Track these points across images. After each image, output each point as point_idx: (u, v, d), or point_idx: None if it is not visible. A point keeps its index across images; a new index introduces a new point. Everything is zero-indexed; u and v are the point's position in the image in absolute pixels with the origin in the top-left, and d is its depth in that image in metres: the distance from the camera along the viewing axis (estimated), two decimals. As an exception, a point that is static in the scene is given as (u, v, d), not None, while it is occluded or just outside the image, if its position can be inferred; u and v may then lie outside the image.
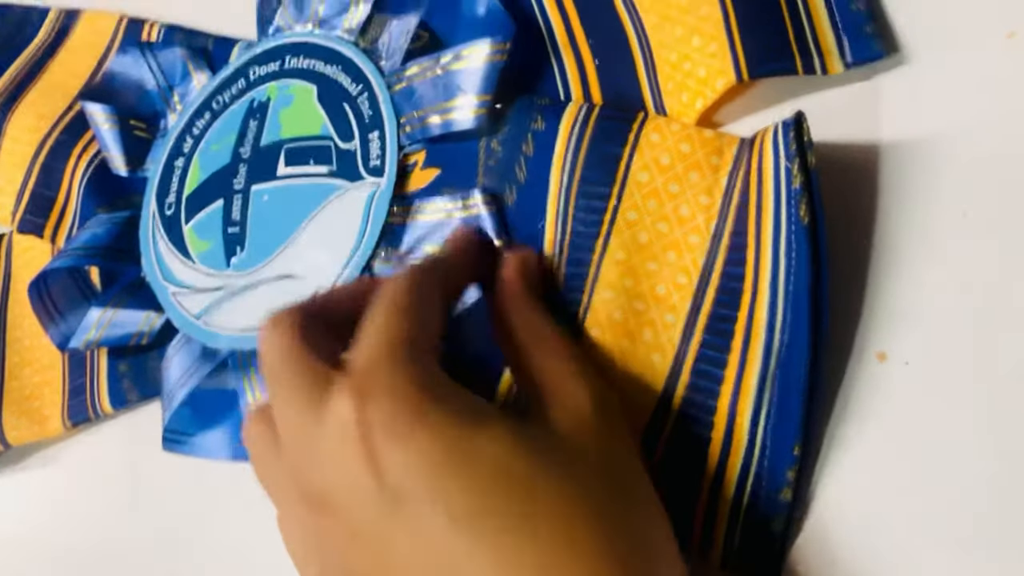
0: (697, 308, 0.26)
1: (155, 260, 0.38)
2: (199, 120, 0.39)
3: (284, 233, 0.35)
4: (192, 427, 0.35)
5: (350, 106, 0.35)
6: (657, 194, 0.28)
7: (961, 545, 0.22)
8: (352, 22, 0.36)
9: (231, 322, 0.35)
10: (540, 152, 0.29)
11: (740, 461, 0.24)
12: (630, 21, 0.30)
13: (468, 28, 0.32)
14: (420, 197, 0.32)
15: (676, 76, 0.28)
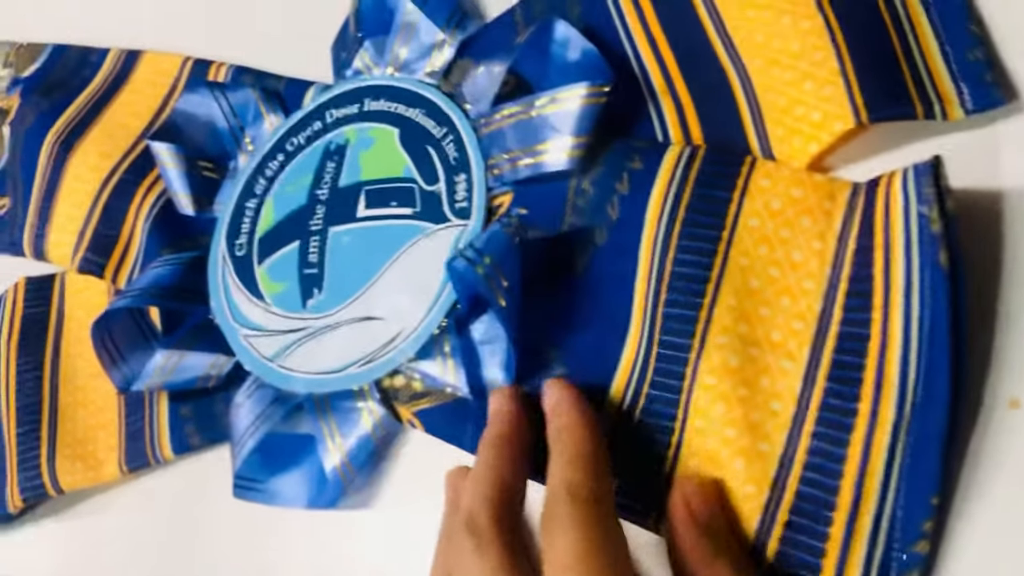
0: (818, 355, 0.26)
1: (225, 301, 0.37)
2: (272, 162, 0.38)
3: (365, 275, 0.34)
4: (264, 474, 0.34)
5: (434, 149, 0.35)
6: (768, 240, 0.27)
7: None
8: (435, 65, 0.36)
9: (308, 365, 0.34)
10: (636, 191, 0.29)
11: (872, 512, 0.24)
12: (732, 65, 0.30)
13: (560, 73, 0.32)
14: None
15: (786, 120, 0.28)
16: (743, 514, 0.25)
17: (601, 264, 0.30)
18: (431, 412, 0.32)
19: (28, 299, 0.43)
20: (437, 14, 0.36)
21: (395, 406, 0.32)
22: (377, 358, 0.33)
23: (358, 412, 0.32)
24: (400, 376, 0.32)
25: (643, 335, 0.28)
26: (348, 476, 0.32)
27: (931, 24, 0.27)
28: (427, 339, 0.32)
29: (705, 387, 0.26)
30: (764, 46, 0.29)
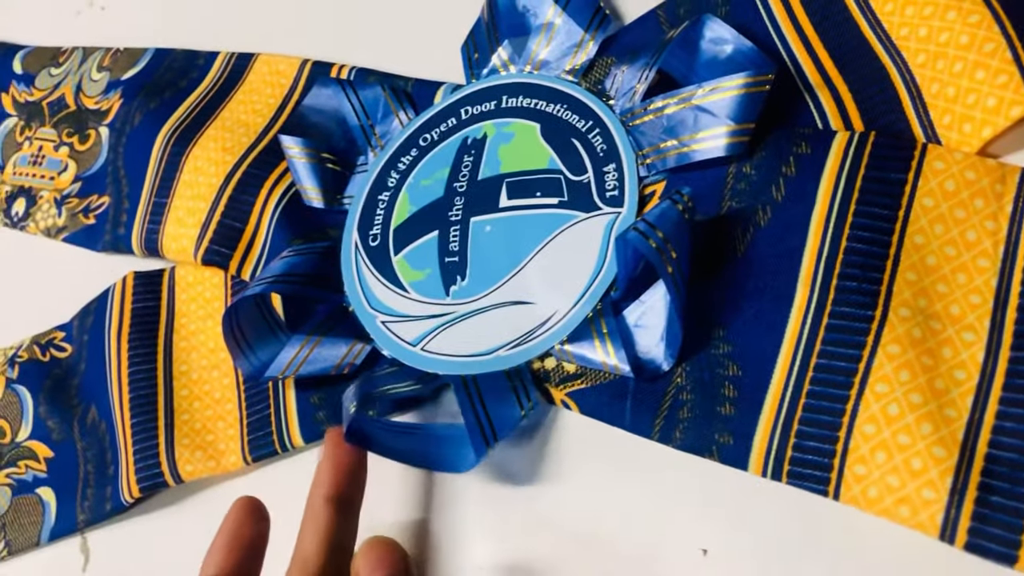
0: (998, 327, 0.27)
1: (360, 289, 0.37)
2: (405, 156, 0.39)
3: (511, 262, 0.35)
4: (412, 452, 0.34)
5: (580, 141, 0.36)
6: (943, 219, 0.28)
7: None
8: (576, 63, 0.37)
9: (454, 348, 0.34)
10: (805, 173, 0.30)
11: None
12: (890, 60, 0.31)
13: (710, 69, 0.33)
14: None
15: (955, 109, 0.29)
16: (932, 476, 0.25)
17: (764, 243, 0.30)
18: (585, 392, 0.32)
19: (137, 293, 0.43)
20: (580, 15, 0.37)
21: (547, 388, 0.33)
22: (528, 341, 0.33)
23: (509, 393, 0.33)
24: (552, 358, 0.33)
25: (810, 307, 0.29)
26: (491, 443, 0.32)
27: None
28: (581, 322, 0.32)
29: (890, 355, 0.27)
30: (928, 40, 0.30)
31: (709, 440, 0.29)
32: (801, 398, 0.28)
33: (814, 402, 0.28)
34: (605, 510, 0.31)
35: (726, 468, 0.29)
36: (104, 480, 0.40)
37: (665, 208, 0.30)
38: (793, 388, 0.28)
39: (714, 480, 0.29)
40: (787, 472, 0.28)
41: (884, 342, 0.27)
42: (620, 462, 0.31)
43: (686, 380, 0.30)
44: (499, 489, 0.33)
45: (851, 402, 0.27)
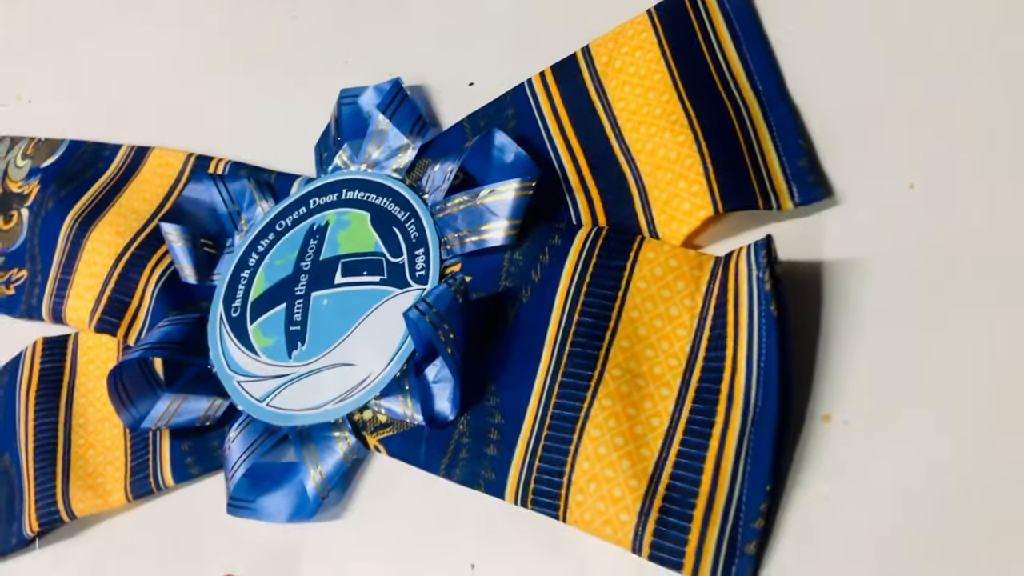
0: (687, 383, 0.34)
1: (222, 354, 0.44)
2: (263, 240, 0.47)
3: (341, 330, 0.42)
4: (254, 494, 0.41)
5: (399, 229, 0.43)
6: (652, 298, 0.36)
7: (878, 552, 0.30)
8: (400, 163, 0.45)
9: (292, 404, 0.41)
10: (554, 261, 0.38)
11: (725, 495, 0.32)
12: (628, 168, 0.39)
13: (498, 171, 0.41)
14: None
15: (667, 210, 0.37)
16: (627, 502, 0.33)
17: (525, 316, 0.38)
18: (392, 439, 0.39)
19: (44, 355, 0.50)
20: (403, 124, 0.45)
21: (364, 435, 0.40)
22: (350, 397, 0.40)
23: (333, 440, 0.40)
24: (368, 411, 0.40)
25: (550, 368, 0.36)
26: (324, 493, 0.39)
27: (772, 140, 0.37)
28: (390, 381, 0.40)
29: (603, 407, 0.34)
30: (652, 154, 0.38)
31: (478, 476, 0.36)
32: (541, 441, 0.35)
33: (549, 443, 0.35)
34: (399, 534, 0.38)
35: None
36: (12, 517, 0.47)
37: (441, 291, 0.37)
38: (536, 433, 0.35)
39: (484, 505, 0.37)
40: (531, 500, 0.35)
41: (599, 396, 0.35)
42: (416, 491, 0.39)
43: (466, 427, 0.38)
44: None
45: (574, 444, 0.34)
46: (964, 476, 0.29)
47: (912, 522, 0.30)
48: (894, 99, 0.36)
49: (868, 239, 0.34)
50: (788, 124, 0.37)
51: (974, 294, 0.32)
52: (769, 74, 0.38)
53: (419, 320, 0.36)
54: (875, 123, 0.36)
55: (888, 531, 0.30)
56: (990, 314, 0.31)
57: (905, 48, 0.36)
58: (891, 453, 0.31)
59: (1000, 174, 0.33)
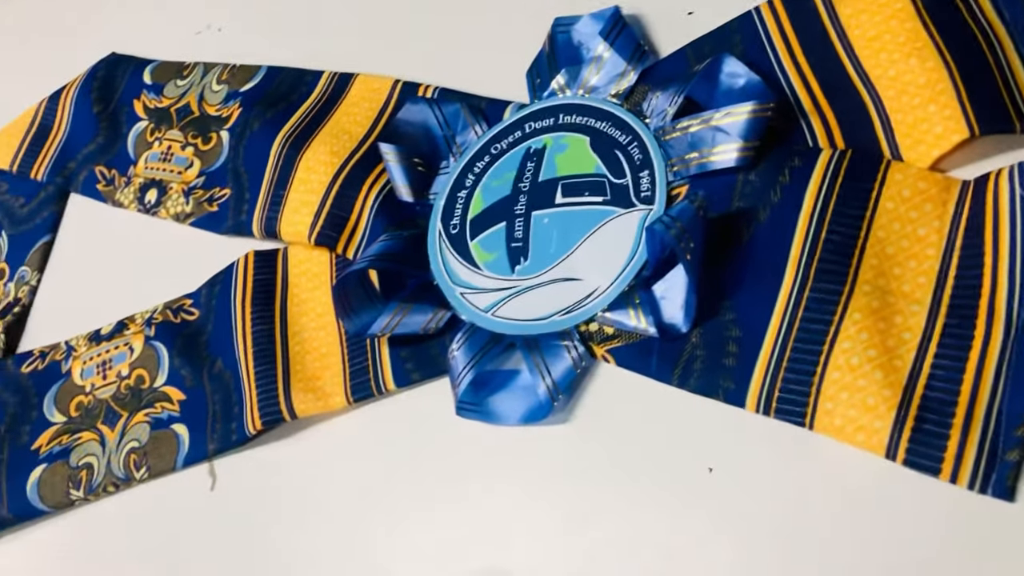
0: (938, 300, 0.35)
1: (443, 267, 0.47)
2: (479, 162, 0.49)
3: (565, 246, 0.44)
4: (481, 398, 0.43)
5: (621, 152, 0.44)
6: (900, 218, 0.37)
7: None
8: (620, 88, 0.46)
9: (518, 314, 0.43)
10: (796, 181, 0.39)
11: (986, 404, 0.33)
12: (868, 94, 0.40)
13: (727, 96, 0.42)
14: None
15: (914, 133, 0.38)
16: (881, 411, 0.34)
17: (763, 235, 0.39)
18: (621, 349, 0.41)
19: (257, 267, 0.53)
20: (623, 50, 0.46)
21: (591, 345, 0.42)
22: (577, 309, 0.42)
23: (562, 349, 0.42)
24: (595, 323, 0.42)
25: (795, 284, 0.37)
26: (555, 396, 0.41)
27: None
28: (619, 295, 0.41)
29: (854, 320, 0.36)
30: (896, 79, 0.39)
31: (716, 386, 0.38)
32: (787, 352, 0.37)
33: (797, 355, 0.36)
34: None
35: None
36: (229, 417, 0.50)
37: (684, 206, 0.39)
38: (780, 345, 0.37)
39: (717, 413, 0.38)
40: (775, 409, 0.36)
41: (851, 310, 0.36)
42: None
43: (699, 340, 0.39)
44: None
45: (824, 355, 0.36)
46: None
47: None
48: None
49: None
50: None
51: None
52: (1016, 2, 0.38)
53: (663, 232, 0.38)
54: None
55: None
56: None
57: None
58: None
59: None
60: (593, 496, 0.40)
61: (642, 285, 0.41)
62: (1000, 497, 0.32)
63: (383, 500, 0.45)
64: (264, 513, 0.48)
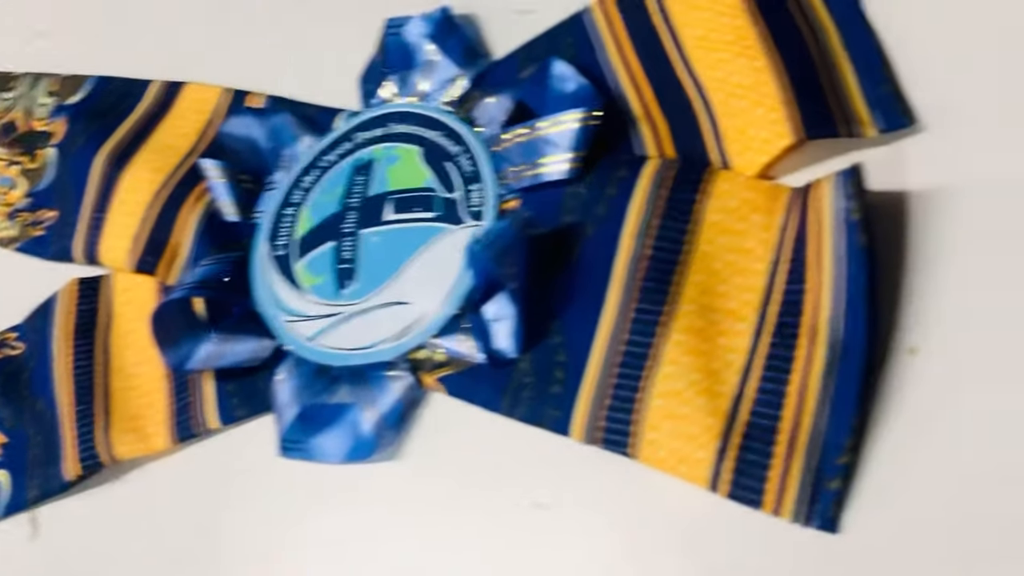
0: (763, 317, 0.33)
1: (267, 293, 0.43)
2: (307, 176, 0.45)
3: (393, 267, 0.41)
4: (306, 435, 0.39)
5: (452, 164, 0.42)
6: (727, 231, 0.35)
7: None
8: (452, 96, 0.43)
9: (344, 343, 0.40)
10: (621, 194, 0.36)
11: (809, 432, 0.30)
12: (697, 95, 0.37)
13: (558, 102, 0.39)
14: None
15: (741, 139, 0.35)
16: (703, 440, 0.32)
17: (589, 251, 0.37)
18: (451, 377, 0.38)
19: (81, 297, 0.49)
20: (454, 54, 0.43)
21: (420, 374, 0.39)
22: (405, 336, 0.39)
23: (388, 380, 0.39)
24: (424, 350, 0.39)
25: (618, 305, 0.35)
26: (382, 433, 0.38)
27: (851, 64, 0.35)
28: (448, 319, 0.38)
29: (676, 342, 0.33)
30: (724, 81, 0.36)
31: (543, 414, 0.35)
32: (610, 378, 0.34)
33: (620, 380, 0.34)
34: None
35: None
36: (50, 462, 0.46)
37: (504, 226, 0.36)
38: (604, 370, 0.34)
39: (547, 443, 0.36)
40: (601, 439, 0.34)
41: (673, 332, 0.34)
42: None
43: (529, 365, 0.37)
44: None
45: (647, 380, 0.33)
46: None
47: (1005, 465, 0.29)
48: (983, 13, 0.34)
49: (956, 168, 0.33)
50: (868, 47, 0.35)
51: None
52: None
53: (480, 255, 0.35)
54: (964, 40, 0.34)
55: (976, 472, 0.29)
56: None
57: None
58: (977, 389, 0.30)
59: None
60: (423, 534, 0.37)
61: (472, 308, 0.38)
62: (823, 529, 0.30)
63: (212, 546, 0.42)
64: (90, 564, 0.45)
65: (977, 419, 0.29)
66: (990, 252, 0.31)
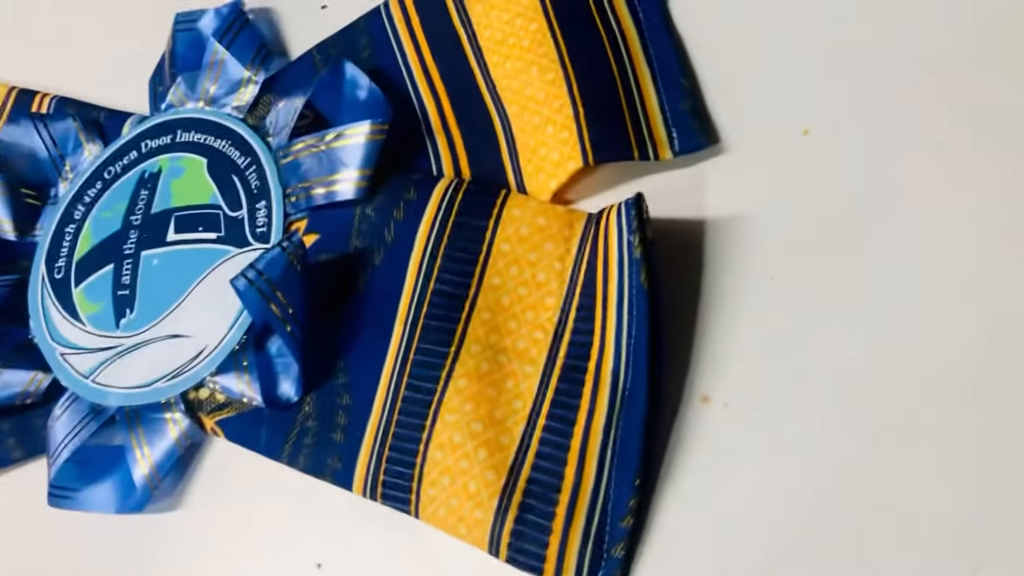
0: (552, 360, 0.30)
1: (44, 322, 0.39)
2: (91, 189, 0.41)
3: (173, 295, 0.37)
4: (78, 483, 0.36)
5: (239, 178, 0.38)
6: (518, 262, 0.31)
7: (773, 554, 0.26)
8: (241, 100, 0.39)
9: (120, 380, 0.36)
10: (409, 218, 0.33)
11: (591, 490, 0.28)
12: (495, 109, 0.34)
13: (350, 110, 0.36)
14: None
15: (534, 159, 0.32)
16: (483, 498, 0.29)
17: (377, 282, 0.33)
18: (230, 420, 0.35)
19: None
20: (242, 53, 0.39)
21: (200, 416, 0.35)
22: (183, 373, 0.35)
23: (164, 423, 0.35)
24: (204, 389, 0.35)
25: (402, 344, 0.32)
26: (154, 483, 0.34)
27: (652, 78, 0.32)
28: (227, 355, 0.35)
29: (458, 389, 0.30)
30: (519, 93, 0.33)
31: (324, 464, 0.32)
32: (391, 427, 0.31)
33: (400, 430, 0.31)
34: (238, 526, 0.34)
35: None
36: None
37: (275, 255, 0.32)
38: (386, 418, 0.31)
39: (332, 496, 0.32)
40: (381, 494, 0.31)
41: (455, 376, 0.30)
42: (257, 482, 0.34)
43: (312, 408, 0.33)
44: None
45: (427, 431, 0.30)
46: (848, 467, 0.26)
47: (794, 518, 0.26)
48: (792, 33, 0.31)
49: (756, 193, 0.30)
50: (671, 59, 0.32)
51: (872, 260, 0.28)
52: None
53: (247, 290, 0.31)
54: (769, 59, 0.31)
55: (768, 529, 0.27)
56: (890, 284, 0.27)
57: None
58: (774, 440, 0.27)
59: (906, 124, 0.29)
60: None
61: (252, 343, 0.34)
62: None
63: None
64: None
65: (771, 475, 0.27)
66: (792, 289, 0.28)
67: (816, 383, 0.27)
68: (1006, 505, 0.24)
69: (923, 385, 0.26)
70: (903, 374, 0.26)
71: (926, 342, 0.26)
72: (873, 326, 0.27)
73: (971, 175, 0.28)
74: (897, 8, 0.30)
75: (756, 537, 0.27)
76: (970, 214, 0.27)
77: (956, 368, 0.26)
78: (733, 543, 0.27)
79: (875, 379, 0.27)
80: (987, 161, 0.28)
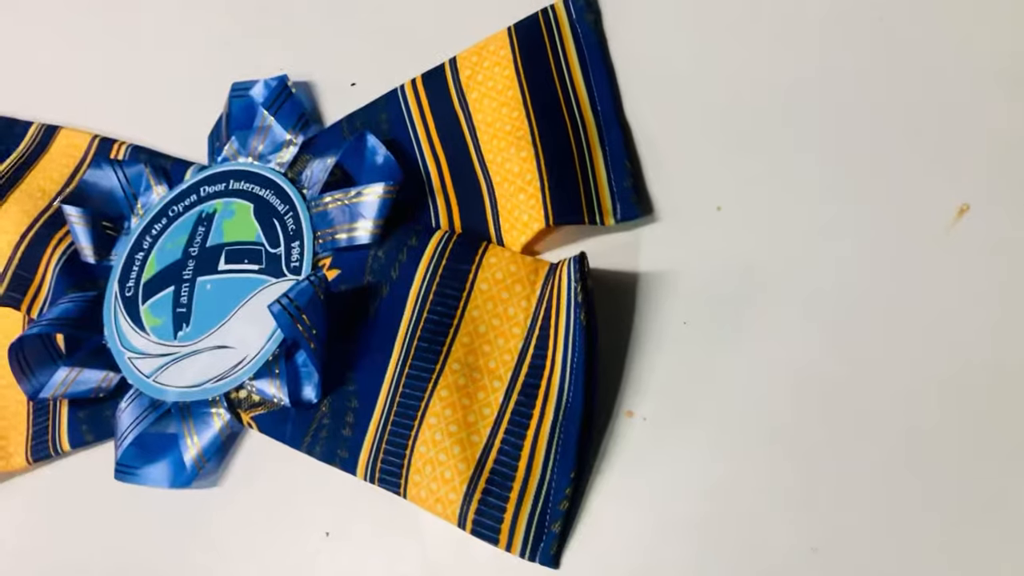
0: (515, 378, 0.38)
1: (115, 331, 0.48)
2: (157, 224, 0.50)
3: (221, 314, 0.46)
4: (139, 462, 0.45)
5: (278, 221, 0.47)
6: (493, 299, 0.40)
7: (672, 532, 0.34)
8: (283, 158, 0.48)
9: (176, 381, 0.45)
10: (410, 261, 0.42)
11: (537, 480, 0.36)
12: (483, 177, 0.43)
13: (369, 172, 0.44)
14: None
15: (510, 219, 0.41)
16: (455, 483, 0.37)
17: (383, 310, 0.42)
18: (262, 416, 0.43)
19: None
20: (286, 120, 0.48)
21: (239, 412, 0.44)
22: (227, 377, 0.44)
23: (211, 416, 0.44)
24: (243, 390, 0.44)
25: (400, 360, 0.40)
26: (201, 464, 0.43)
27: (604, 160, 0.41)
28: (263, 364, 0.44)
29: (441, 398, 0.39)
30: (501, 166, 0.42)
31: (335, 454, 0.41)
32: (388, 426, 0.39)
33: (395, 428, 0.39)
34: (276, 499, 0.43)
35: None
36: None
37: (304, 286, 0.41)
38: (384, 418, 0.40)
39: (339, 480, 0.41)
40: (378, 479, 0.39)
41: (439, 387, 0.39)
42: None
43: (327, 408, 0.42)
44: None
45: (415, 430, 0.39)
46: (739, 468, 0.34)
47: (694, 503, 0.34)
48: (710, 128, 0.40)
49: (677, 255, 0.38)
50: (619, 146, 0.41)
51: (763, 312, 0.36)
52: (608, 97, 0.42)
53: (280, 313, 0.40)
54: (691, 149, 0.40)
55: (674, 512, 0.35)
56: (774, 330, 0.36)
57: (723, 78, 0.40)
58: (681, 451, 0.35)
59: (802, 202, 0.37)
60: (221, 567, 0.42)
61: (283, 355, 0.43)
62: (545, 564, 0.36)
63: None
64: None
65: (677, 479, 0.35)
66: (702, 332, 0.37)
67: (716, 402, 0.35)
68: (849, 506, 0.32)
69: (793, 404, 0.34)
70: (781, 396, 0.35)
71: (797, 372, 0.35)
72: (761, 360, 0.35)
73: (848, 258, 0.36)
74: (797, 105, 0.38)
75: (664, 518, 0.35)
76: (836, 287, 0.35)
77: (823, 392, 0.34)
78: (646, 524, 0.35)
79: (760, 400, 0.35)
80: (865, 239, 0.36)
